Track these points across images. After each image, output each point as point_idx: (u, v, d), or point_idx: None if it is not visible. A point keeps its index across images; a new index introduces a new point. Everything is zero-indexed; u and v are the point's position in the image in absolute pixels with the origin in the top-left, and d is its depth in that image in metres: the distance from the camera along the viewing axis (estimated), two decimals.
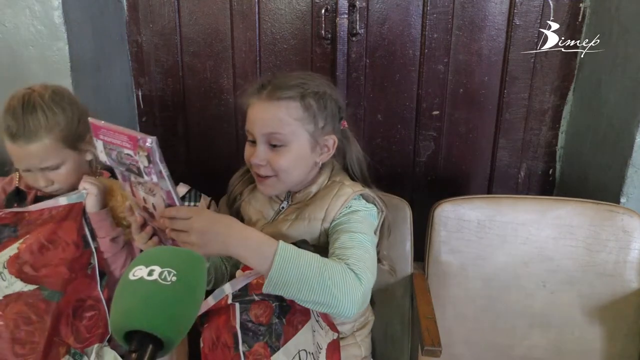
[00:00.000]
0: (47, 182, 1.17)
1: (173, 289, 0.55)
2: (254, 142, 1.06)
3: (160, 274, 0.55)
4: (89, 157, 1.24)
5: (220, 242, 0.86)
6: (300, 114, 1.02)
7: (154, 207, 0.90)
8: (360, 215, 1.05)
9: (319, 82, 1.08)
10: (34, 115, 1.12)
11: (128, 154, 0.83)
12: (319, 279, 0.86)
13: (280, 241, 0.88)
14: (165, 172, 0.82)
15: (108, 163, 0.90)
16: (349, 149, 1.15)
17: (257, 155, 1.04)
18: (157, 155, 0.80)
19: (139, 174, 0.84)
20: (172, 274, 0.56)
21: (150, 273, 0.55)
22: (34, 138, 1.12)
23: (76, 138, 1.20)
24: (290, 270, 0.86)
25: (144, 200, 0.91)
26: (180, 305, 0.56)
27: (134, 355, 0.51)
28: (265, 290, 0.87)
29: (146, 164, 0.82)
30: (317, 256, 0.90)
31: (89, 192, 1.15)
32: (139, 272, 0.56)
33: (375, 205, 1.10)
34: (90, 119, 0.88)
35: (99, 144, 0.89)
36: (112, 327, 0.54)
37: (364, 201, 1.09)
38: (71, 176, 1.19)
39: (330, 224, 1.04)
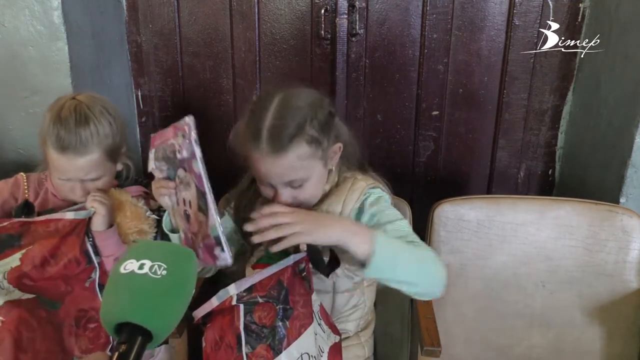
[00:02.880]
0: (84, 193, 1.16)
1: (163, 283, 0.56)
2: (269, 185, 1.04)
3: (151, 267, 0.56)
4: (119, 167, 1.25)
5: (325, 228, 0.91)
6: (309, 151, 0.99)
7: (189, 204, 0.92)
8: (384, 203, 1.07)
9: (304, 100, 1.01)
10: (86, 129, 1.11)
11: (171, 143, 0.89)
12: (416, 259, 0.94)
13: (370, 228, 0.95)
14: (198, 154, 0.88)
15: (155, 169, 0.95)
16: (345, 141, 1.13)
17: (281, 197, 1.03)
18: (192, 134, 0.87)
19: (174, 156, 0.89)
20: (162, 268, 0.56)
21: (141, 267, 0.56)
22: (85, 151, 1.12)
23: (118, 151, 1.20)
24: (389, 251, 0.91)
25: (184, 201, 0.94)
26: (170, 298, 0.57)
27: (123, 346, 0.52)
28: (367, 274, 0.91)
29: (181, 141, 0.87)
30: (402, 240, 0.96)
31: (96, 212, 1.13)
32: (130, 265, 0.56)
33: (386, 193, 1.12)
34: (152, 135, 0.93)
35: (151, 153, 0.93)
36: (103, 319, 0.55)
37: (378, 189, 1.10)
38: (106, 187, 1.19)
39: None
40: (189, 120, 0.88)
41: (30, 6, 1.36)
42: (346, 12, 1.54)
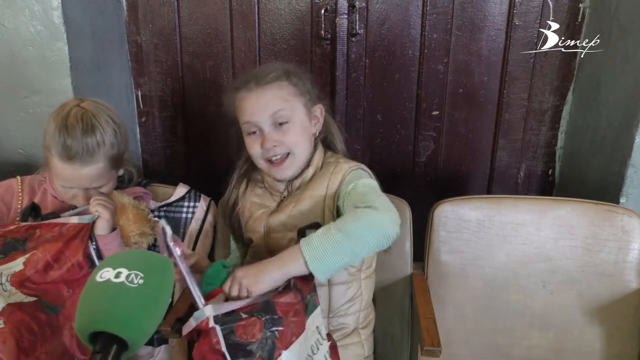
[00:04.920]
0: (87, 200, 1.16)
1: (139, 292, 0.56)
2: (255, 133, 1.11)
3: (127, 276, 0.56)
4: (121, 172, 1.25)
5: (264, 275, 0.94)
6: (292, 89, 1.11)
7: None
8: (364, 180, 1.09)
9: (288, 65, 1.16)
10: (92, 138, 1.11)
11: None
12: (347, 239, 0.92)
13: (300, 242, 0.94)
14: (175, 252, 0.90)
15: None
16: (329, 125, 1.21)
17: (269, 139, 1.09)
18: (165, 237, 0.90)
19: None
20: (139, 277, 0.56)
21: (117, 275, 0.56)
22: (91, 161, 1.12)
23: (121, 158, 1.20)
24: (323, 252, 0.92)
25: None
26: (146, 307, 0.56)
27: (98, 355, 0.52)
28: (320, 278, 0.93)
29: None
30: (329, 226, 0.95)
31: (100, 216, 1.13)
32: (106, 274, 0.56)
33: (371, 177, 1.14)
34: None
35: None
36: (77, 327, 0.55)
37: (362, 171, 1.13)
38: (108, 192, 1.19)
39: (334, 200, 1.08)
40: (162, 224, 0.92)
41: (30, 6, 1.36)
42: (346, 12, 1.54)
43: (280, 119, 1.08)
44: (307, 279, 0.98)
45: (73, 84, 1.41)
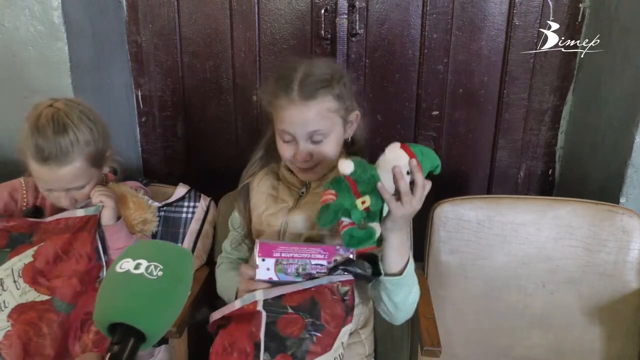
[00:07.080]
0: (71, 202, 1.15)
1: (159, 284, 0.55)
2: (288, 141, 1.09)
3: (147, 268, 0.55)
4: (106, 170, 1.23)
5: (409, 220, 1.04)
6: (335, 105, 1.06)
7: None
8: None
9: (332, 66, 1.12)
10: (65, 137, 1.08)
11: (317, 264, 0.96)
12: (415, 292, 1.06)
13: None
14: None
15: (274, 279, 0.96)
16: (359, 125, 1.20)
17: (302, 154, 1.07)
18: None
19: (329, 274, 0.98)
20: (158, 269, 0.55)
21: (137, 266, 0.55)
22: (67, 161, 1.09)
23: (101, 156, 1.17)
24: (410, 279, 1.03)
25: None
26: (165, 299, 0.56)
27: (115, 347, 0.52)
28: (384, 280, 1.00)
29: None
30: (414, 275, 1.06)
31: (105, 205, 1.12)
32: (126, 264, 0.55)
33: None
34: (258, 241, 0.97)
35: (267, 262, 0.95)
36: (96, 318, 0.54)
37: None
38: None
39: None
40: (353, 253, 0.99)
41: (30, 6, 1.36)
42: (346, 12, 1.54)
43: (316, 137, 1.06)
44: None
45: (73, 84, 1.41)
